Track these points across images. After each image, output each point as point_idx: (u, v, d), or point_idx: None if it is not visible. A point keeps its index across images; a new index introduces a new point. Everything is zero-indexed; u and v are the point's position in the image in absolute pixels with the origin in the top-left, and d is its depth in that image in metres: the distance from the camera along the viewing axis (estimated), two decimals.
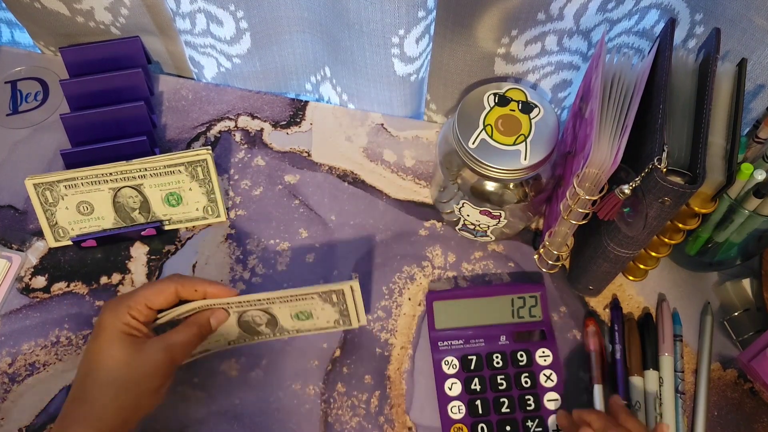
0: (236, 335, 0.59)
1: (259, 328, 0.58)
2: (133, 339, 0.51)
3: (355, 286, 0.55)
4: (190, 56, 0.75)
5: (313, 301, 0.56)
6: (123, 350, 0.50)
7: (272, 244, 0.68)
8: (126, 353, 0.50)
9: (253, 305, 0.56)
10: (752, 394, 0.62)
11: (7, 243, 0.67)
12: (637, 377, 0.61)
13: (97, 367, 0.50)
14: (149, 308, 0.53)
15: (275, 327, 0.58)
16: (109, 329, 0.51)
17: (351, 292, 0.56)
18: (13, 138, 0.73)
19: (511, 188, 0.61)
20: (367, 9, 0.60)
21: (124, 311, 0.52)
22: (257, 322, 0.58)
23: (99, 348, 0.50)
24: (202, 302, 0.54)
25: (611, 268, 0.59)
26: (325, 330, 0.59)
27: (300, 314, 0.57)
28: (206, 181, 0.66)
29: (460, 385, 0.60)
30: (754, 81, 0.61)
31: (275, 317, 0.57)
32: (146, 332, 0.53)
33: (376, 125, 0.75)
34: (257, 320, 0.57)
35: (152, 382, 0.51)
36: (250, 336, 0.59)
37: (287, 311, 0.57)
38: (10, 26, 0.81)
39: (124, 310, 0.52)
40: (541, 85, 0.71)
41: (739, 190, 0.55)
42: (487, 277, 0.67)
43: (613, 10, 0.62)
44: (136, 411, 0.51)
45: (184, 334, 0.53)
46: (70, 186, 0.64)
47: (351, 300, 0.56)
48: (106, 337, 0.51)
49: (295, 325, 0.58)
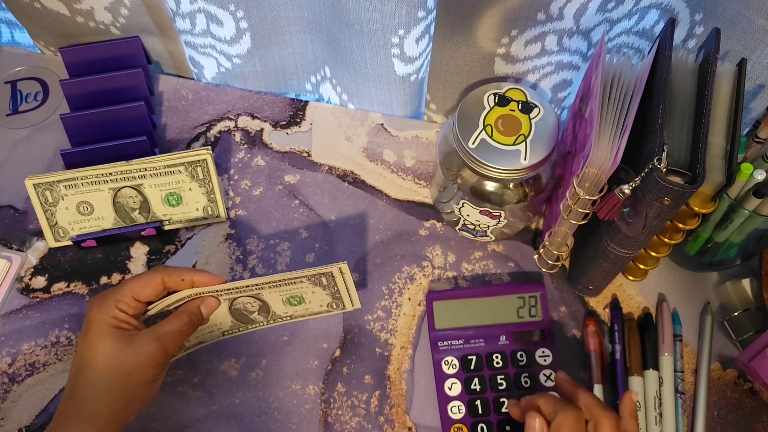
0: (229, 325, 0.59)
1: (252, 315, 0.58)
2: (123, 332, 0.51)
3: (344, 267, 0.55)
4: (190, 56, 0.75)
5: (303, 285, 0.56)
6: (112, 344, 0.50)
7: (272, 244, 0.68)
8: (116, 346, 0.50)
9: (243, 291, 0.55)
10: (752, 394, 0.62)
11: (7, 243, 0.67)
12: (637, 377, 0.61)
13: (88, 364, 0.50)
14: (137, 300, 0.52)
15: (268, 314, 0.58)
16: (97, 324, 0.51)
17: (340, 274, 0.55)
18: (13, 138, 0.73)
19: (511, 188, 0.61)
20: (367, 9, 0.60)
21: (111, 305, 0.51)
22: (249, 309, 0.57)
23: (88, 344, 0.50)
24: (191, 291, 0.54)
25: (611, 268, 0.59)
26: (319, 314, 0.59)
27: (291, 299, 0.57)
28: (206, 181, 0.66)
29: (460, 385, 0.60)
30: (754, 81, 0.61)
31: (267, 303, 0.57)
32: (136, 324, 0.52)
33: (376, 125, 0.75)
34: (249, 307, 0.57)
35: (144, 373, 0.50)
36: (244, 325, 0.59)
37: (278, 296, 0.57)
38: (10, 26, 0.81)
39: (111, 303, 0.51)
40: (541, 85, 0.71)
41: (739, 190, 0.55)
42: (487, 277, 0.67)
43: (613, 10, 0.62)
44: (129, 403, 0.50)
45: (175, 324, 0.53)
46: (70, 186, 0.64)
47: (342, 282, 0.56)
48: (95, 332, 0.51)
49: (287, 310, 0.58)
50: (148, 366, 0.50)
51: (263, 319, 0.59)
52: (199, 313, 0.55)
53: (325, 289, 0.56)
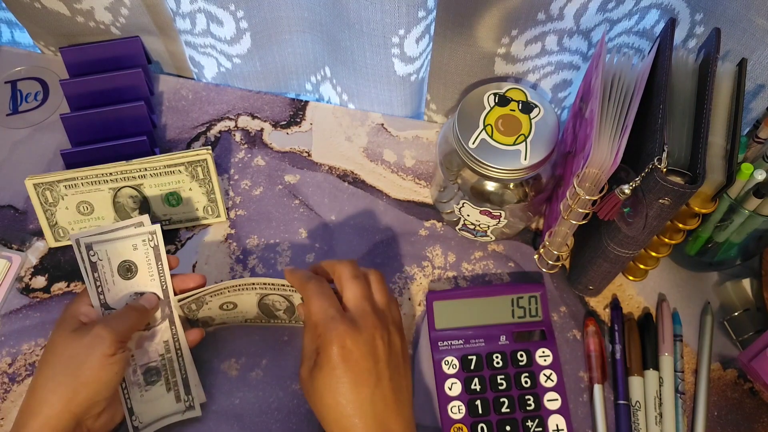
0: (254, 315, 0.60)
1: (277, 312, 0.60)
2: (81, 325, 0.53)
3: None
4: (190, 56, 0.75)
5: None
6: (65, 334, 0.51)
7: (272, 244, 0.68)
8: (66, 336, 0.51)
9: (276, 289, 0.56)
10: (752, 394, 0.62)
11: (7, 243, 0.67)
12: (637, 377, 0.61)
13: (43, 359, 0.51)
14: None
15: (292, 315, 0.60)
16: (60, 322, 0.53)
17: None
18: (13, 138, 0.73)
19: (511, 188, 0.61)
20: (367, 9, 0.60)
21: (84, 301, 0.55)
22: (277, 307, 0.59)
23: (47, 342, 0.53)
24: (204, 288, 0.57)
25: (611, 268, 0.59)
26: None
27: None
28: (206, 181, 0.66)
29: (460, 385, 0.60)
30: (754, 81, 0.61)
31: (293, 306, 0.58)
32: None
33: (376, 125, 0.75)
34: (277, 305, 0.59)
35: (91, 353, 0.50)
36: (267, 318, 0.61)
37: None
38: (10, 26, 0.81)
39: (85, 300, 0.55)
40: (541, 85, 0.71)
41: (739, 190, 0.55)
42: (487, 277, 0.67)
43: (613, 10, 0.62)
44: (78, 388, 0.49)
45: (122, 311, 0.54)
46: (70, 186, 0.64)
47: None
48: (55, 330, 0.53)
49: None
50: (94, 345, 0.50)
51: (286, 318, 0.60)
52: (143, 306, 0.55)
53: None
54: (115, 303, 0.55)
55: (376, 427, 0.47)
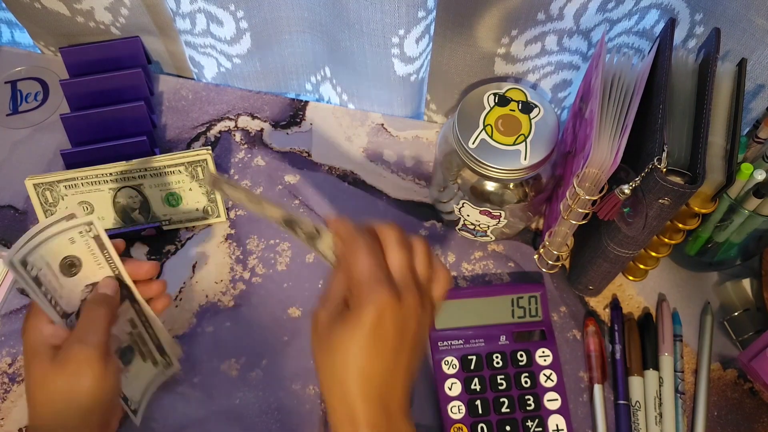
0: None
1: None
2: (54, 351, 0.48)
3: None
4: (190, 56, 0.75)
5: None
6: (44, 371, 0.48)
7: (272, 244, 0.68)
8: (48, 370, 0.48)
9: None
10: (752, 394, 0.62)
11: (7, 243, 0.67)
12: (637, 377, 0.61)
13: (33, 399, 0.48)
14: None
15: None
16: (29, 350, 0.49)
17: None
18: (13, 138, 0.73)
19: (511, 188, 0.61)
20: (367, 9, 0.60)
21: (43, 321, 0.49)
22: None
23: (26, 375, 0.49)
24: None
25: (611, 268, 0.59)
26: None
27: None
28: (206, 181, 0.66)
29: (460, 385, 0.60)
30: (754, 81, 0.61)
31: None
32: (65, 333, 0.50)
33: (376, 125, 0.75)
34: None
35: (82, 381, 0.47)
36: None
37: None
38: (10, 26, 0.81)
39: (43, 320, 0.50)
40: (541, 85, 0.71)
41: (739, 190, 0.55)
42: (487, 277, 0.67)
43: (613, 10, 0.62)
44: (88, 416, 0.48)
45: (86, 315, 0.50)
46: (70, 186, 0.64)
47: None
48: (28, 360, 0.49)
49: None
50: (81, 372, 0.47)
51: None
52: (104, 295, 0.51)
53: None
54: (72, 306, 0.51)
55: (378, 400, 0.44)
